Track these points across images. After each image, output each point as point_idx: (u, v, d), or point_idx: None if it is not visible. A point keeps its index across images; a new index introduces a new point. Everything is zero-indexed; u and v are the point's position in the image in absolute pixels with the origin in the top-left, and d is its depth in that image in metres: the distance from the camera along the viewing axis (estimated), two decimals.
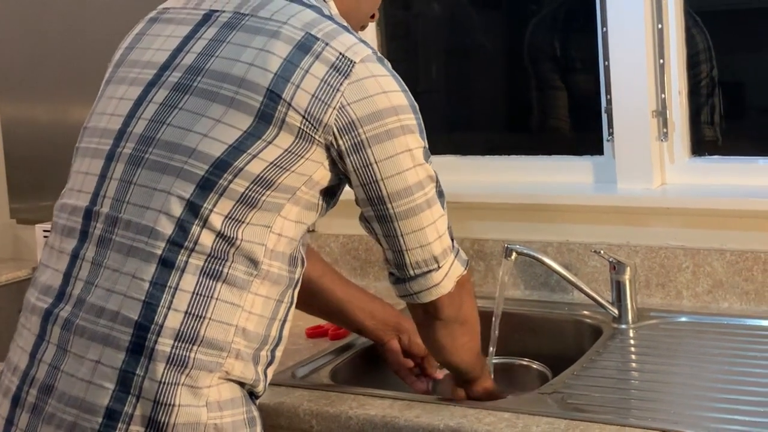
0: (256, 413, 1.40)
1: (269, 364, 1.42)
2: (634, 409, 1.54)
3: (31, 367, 1.40)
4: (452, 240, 1.47)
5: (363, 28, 1.60)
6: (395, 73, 1.42)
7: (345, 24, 1.43)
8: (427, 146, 1.43)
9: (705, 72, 2.14)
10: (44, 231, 2.58)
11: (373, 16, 1.60)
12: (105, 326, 1.34)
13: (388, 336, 1.78)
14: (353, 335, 1.89)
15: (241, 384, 1.38)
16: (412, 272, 1.44)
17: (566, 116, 2.40)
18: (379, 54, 1.42)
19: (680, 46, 2.06)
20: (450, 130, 2.53)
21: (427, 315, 1.49)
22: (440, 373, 1.79)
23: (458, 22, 2.46)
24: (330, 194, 1.43)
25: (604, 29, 2.09)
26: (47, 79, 2.65)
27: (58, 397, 1.35)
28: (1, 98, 2.73)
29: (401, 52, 2.48)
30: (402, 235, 1.41)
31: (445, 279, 1.45)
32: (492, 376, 1.72)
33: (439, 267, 1.44)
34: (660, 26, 2.05)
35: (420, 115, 1.42)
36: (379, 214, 1.41)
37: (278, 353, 1.44)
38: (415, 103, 1.42)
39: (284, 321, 1.43)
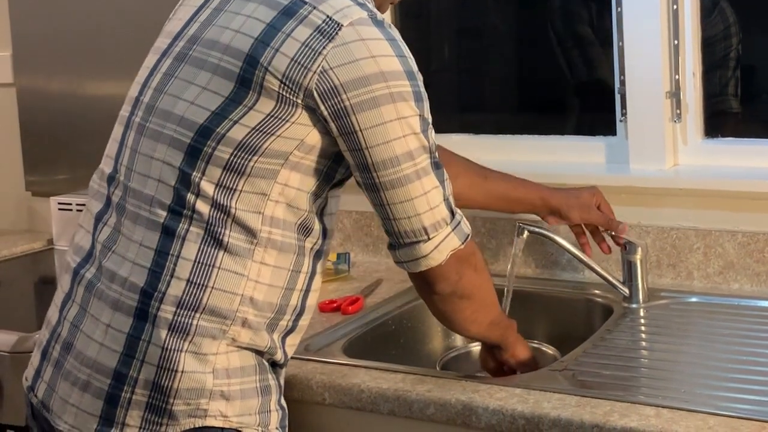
0: (272, 382, 1.42)
1: (289, 332, 1.43)
2: (644, 387, 1.56)
3: (59, 324, 1.45)
4: (452, 213, 1.43)
5: (393, 1, 1.57)
6: (395, 37, 1.37)
7: None
8: (424, 115, 1.38)
9: (719, 54, 2.14)
10: (59, 204, 2.61)
11: None
12: (116, 291, 1.37)
13: (544, 215, 1.89)
14: (365, 310, 1.91)
15: (258, 352, 1.39)
16: (400, 240, 1.42)
17: (579, 96, 2.40)
18: (380, 18, 1.37)
19: (695, 27, 2.06)
20: (462, 110, 2.54)
21: (423, 286, 1.48)
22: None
23: (471, 2, 2.46)
24: (338, 161, 1.40)
25: (619, 9, 2.09)
26: (64, 52, 2.66)
27: (75, 355, 1.40)
28: (17, 72, 2.74)
29: (414, 31, 2.49)
30: (389, 205, 1.38)
31: (435, 251, 1.41)
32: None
33: (429, 238, 1.40)
34: (675, 7, 2.04)
35: (418, 82, 1.37)
36: (366, 183, 1.39)
37: (302, 322, 1.45)
38: (415, 70, 1.37)
39: (306, 291, 1.43)
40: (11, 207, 2.81)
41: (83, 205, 2.52)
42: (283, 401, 1.44)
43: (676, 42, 2.05)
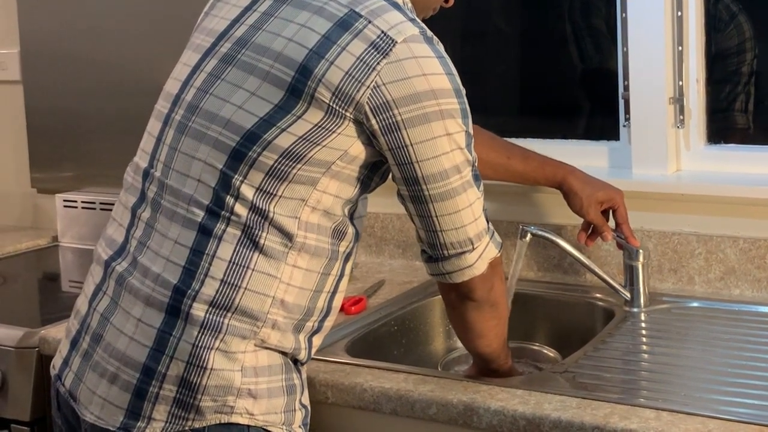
0: (297, 381, 1.43)
1: (315, 332, 1.45)
2: (644, 390, 1.57)
3: (88, 315, 1.47)
4: (488, 222, 1.47)
5: (435, 11, 1.58)
6: (443, 54, 1.39)
7: (396, 1, 1.40)
8: (468, 130, 1.41)
9: (732, 67, 2.15)
10: (64, 201, 2.62)
11: (447, 1, 1.59)
12: (148, 287, 1.38)
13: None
14: (368, 310, 1.93)
15: (282, 352, 1.41)
16: (446, 252, 1.44)
17: (583, 101, 2.41)
18: (429, 34, 1.39)
19: (699, 33, 2.07)
20: None
21: (459, 296, 1.50)
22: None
23: (475, 4, 2.47)
24: (375, 169, 1.43)
25: (624, 15, 2.10)
26: (71, 50, 2.67)
27: (104, 347, 1.41)
28: (25, 69, 2.75)
29: None
30: (437, 217, 1.41)
31: (479, 260, 1.45)
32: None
33: (473, 248, 1.44)
34: (679, 13, 2.05)
35: (465, 100, 1.40)
36: (413, 195, 1.41)
37: (327, 323, 1.47)
38: (461, 87, 1.40)
39: (333, 293, 1.45)
40: (17, 203, 2.82)
41: (88, 202, 2.59)
42: (305, 399, 1.46)
43: (680, 48, 2.06)
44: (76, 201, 2.61)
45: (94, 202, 2.58)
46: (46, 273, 2.59)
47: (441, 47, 1.41)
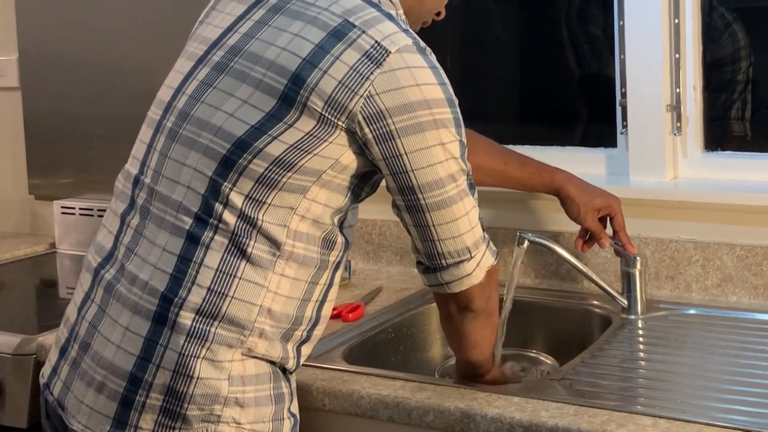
0: (285, 390, 1.43)
1: (303, 341, 1.44)
2: (641, 397, 1.57)
3: (77, 323, 1.46)
4: (483, 230, 1.47)
5: (426, 24, 1.59)
6: (436, 64, 1.40)
7: (390, 12, 1.41)
8: (462, 139, 1.41)
9: (727, 76, 2.16)
10: (62, 207, 2.62)
11: (438, 14, 1.59)
12: (135, 294, 1.38)
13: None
14: (366, 317, 1.93)
15: (270, 361, 1.40)
16: (444, 262, 1.44)
17: (581, 108, 2.41)
18: (422, 45, 1.40)
19: (696, 41, 2.08)
20: (464, 119, 2.54)
21: (458, 306, 1.50)
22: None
23: (474, 11, 2.47)
24: (365, 179, 1.43)
25: (621, 23, 2.10)
26: (69, 57, 2.67)
27: (92, 356, 1.41)
28: (23, 76, 2.75)
29: None
30: (434, 226, 1.41)
31: (477, 269, 1.45)
32: (500, 365, 1.74)
33: (471, 257, 1.44)
34: (677, 21, 2.06)
35: (458, 110, 1.41)
36: (409, 204, 1.41)
37: (317, 332, 1.47)
38: (454, 97, 1.40)
39: (322, 302, 1.45)
40: (15, 210, 2.82)
41: (86, 208, 2.59)
42: (294, 408, 1.45)
43: (677, 56, 2.07)
44: (73, 207, 2.61)
45: (91, 209, 2.58)
46: (43, 280, 2.59)
47: (434, 57, 1.41)
